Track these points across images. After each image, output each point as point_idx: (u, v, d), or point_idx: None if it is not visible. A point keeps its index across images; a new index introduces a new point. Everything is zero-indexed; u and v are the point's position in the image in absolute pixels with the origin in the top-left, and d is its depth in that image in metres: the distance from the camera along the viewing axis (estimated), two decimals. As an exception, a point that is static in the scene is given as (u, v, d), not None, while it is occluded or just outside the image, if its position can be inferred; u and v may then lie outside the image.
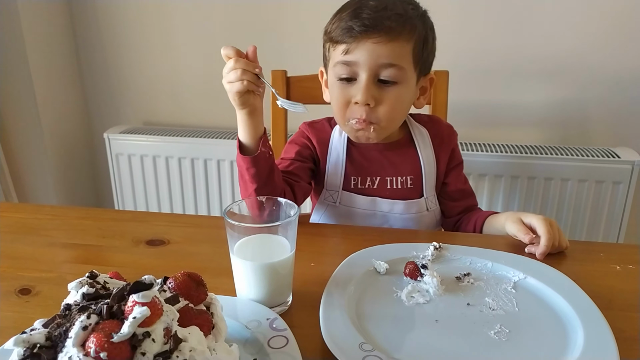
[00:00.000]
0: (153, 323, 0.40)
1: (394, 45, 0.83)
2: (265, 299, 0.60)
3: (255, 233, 0.60)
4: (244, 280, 0.60)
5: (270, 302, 0.60)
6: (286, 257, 0.60)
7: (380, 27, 0.82)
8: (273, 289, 0.60)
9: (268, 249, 0.61)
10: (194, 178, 1.72)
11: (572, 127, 1.59)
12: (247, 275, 0.60)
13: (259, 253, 0.60)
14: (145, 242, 0.80)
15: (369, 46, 0.83)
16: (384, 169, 0.96)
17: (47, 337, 0.40)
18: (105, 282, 0.47)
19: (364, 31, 0.82)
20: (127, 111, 1.87)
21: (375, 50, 0.83)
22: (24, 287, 0.66)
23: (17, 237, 0.82)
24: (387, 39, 0.83)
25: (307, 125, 1.02)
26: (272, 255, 0.60)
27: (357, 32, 0.83)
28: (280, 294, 0.62)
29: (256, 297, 0.60)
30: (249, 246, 0.60)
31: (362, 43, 0.83)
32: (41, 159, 1.75)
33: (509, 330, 0.57)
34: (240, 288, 0.62)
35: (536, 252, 0.76)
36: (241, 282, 0.61)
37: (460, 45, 1.52)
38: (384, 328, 0.57)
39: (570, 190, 1.50)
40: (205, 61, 1.72)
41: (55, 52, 1.73)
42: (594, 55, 1.50)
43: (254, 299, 0.60)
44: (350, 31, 0.83)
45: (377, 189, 0.95)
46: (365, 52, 0.83)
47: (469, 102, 1.60)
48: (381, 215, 0.95)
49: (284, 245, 0.61)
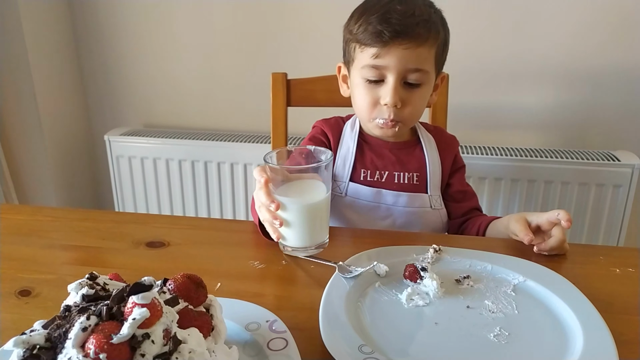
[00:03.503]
0: (152, 324, 0.40)
1: (421, 51, 0.87)
2: (309, 238, 0.67)
3: (294, 179, 0.68)
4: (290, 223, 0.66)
5: (314, 241, 0.68)
6: (324, 197, 0.67)
7: (410, 33, 0.85)
8: (315, 227, 0.67)
9: (307, 192, 0.67)
10: (194, 180, 1.72)
11: (572, 130, 1.59)
12: (292, 217, 0.66)
13: (299, 195, 0.67)
14: (145, 244, 0.80)
15: (399, 52, 0.86)
16: (393, 165, 1.00)
17: (46, 338, 0.40)
18: (105, 284, 0.47)
19: (394, 37, 0.85)
20: (127, 113, 1.88)
21: (405, 56, 0.86)
22: (24, 289, 0.66)
23: (17, 239, 0.82)
24: (416, 44, 0.86)
25: (322, 121, 1.08)
26: (313, 196, 0.66)
27: (388, 38, 0.85)
28: (321, 232, 0.68)
29: (301, 237, 0.67)
30: (290, 190, 0.67)
31: (392, 49, 0.86)
32: (42, 160, 1.75)
33: (508, 333, 0.57)
34: (286, 233, 0.68)
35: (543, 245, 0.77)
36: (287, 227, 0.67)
37: (460, 48, 1.52)
38: (384, 330, 0.57)
39: (570, 193, 1.50)
40: (205, 64, 1.73)
41: (56, 54, 1.73)
42: (594, 58, 1.50)
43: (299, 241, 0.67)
44: (380, 36, 0.86)
45: (384, 182, 0.99)
46: (395, 58, 0.87)
47: (469, 105, 1.61)
48: (385, 207, 0.97)
49: (320, 187, 0.67)
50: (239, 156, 1.65)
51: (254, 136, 1.70)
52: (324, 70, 1.17)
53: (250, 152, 1.64)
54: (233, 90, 1.74)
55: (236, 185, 1.70)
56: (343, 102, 1.04)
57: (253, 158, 1.64)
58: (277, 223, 0.68)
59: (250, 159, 1.64)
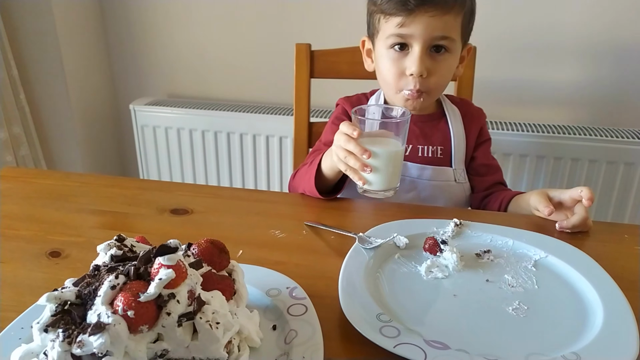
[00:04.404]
0: (178, 285, 0.41)
1: (448, 18, 0.86)
2: (391, 181, 0.78)
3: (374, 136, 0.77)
4: (378, 169, 0.76)
5: (393, 184, 0.79)
6: (402, 148, 0.78)
7: (436, 1, 0.84)
8: (396, 172, 0.79)
9: (386, 143, 0.77)
10: (217, 150, 1.73)
11: (601, 108, 1.55)
12: (379, 163, 0.76)
13: (384, 145, 0.77)
14: (170, 211, 0.82)
15: (425, 20, 0.85)
16: (417, 138, 0.99)
17: (77, 295, 0.41)
18: (132, 246, 0.48)
19: (420, 4, 0.84)
20: (152, 83, 1.89)
21: (431, 24, 0.85)
22: (54, 250, 0.69)
23: (46, 203, 0.84)
24: (442, 12, 0.85)
25: (344, 100, 1.08)
26: (394, 146, 0.77)
27: (413, 6, 0.84)
28: (398, 177, 0.80)
29: (385, 180, 0.78)
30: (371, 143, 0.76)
31: (418, 17, 0.85)
32: (69, 128, 1.78)
33: (527, 307, 0.57)
34: (372, 178, 0.78)
35: (565, 223, 0.76)
36: (374, 173, 0.77)
37: (488, 21, 1.48)
38: (402, 300, 0.58)
39: (597, 171, 1.47)
40: (229, 35, 1.72)
41: (82, 25, 1.75)
42: (626, 34, 1.45)
43: (383, 184, 0.78)
44: (405, 4, 0.85)
45: (408, 155, 0.99)
46: (421, 25, 0.86)
47: (496, 80, 1.57)
48: (409, 180, 0.97)
49: (394, 141, 0.78)
50: (261, 127, 1.66)
51: (276, 108, 1.69)
52: (349, 41, 1.15)
53: (273, 123, 1.64)
54: (256, 61, 1.74)
55: (258, 156, 1.71)
56: (367, 74, 1.03)
57: (275, 130, 1.64)
58: (368, 169, 0.76)
59: (273, 131, 1.65)
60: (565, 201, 0.79)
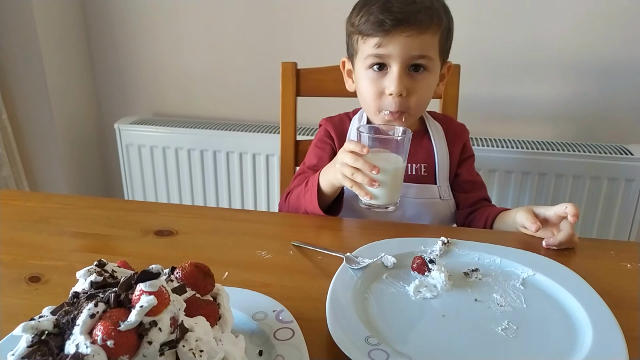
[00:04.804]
0: (160, 312, 0.40)
1: (425, 37, 0.87)
2: (395, 195, 0.82)
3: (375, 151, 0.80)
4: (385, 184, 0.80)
5: (396, 199, 0.83)
6: (404, 164, 0.82)
7: (412, 21, 0.85)
8: (399, 187, 0.83)
9: (389, 160, 0.80)
10: (203, 169, 1.72)
11: (584, 123, 1.57)
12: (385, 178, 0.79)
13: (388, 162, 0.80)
14: (154, 233, 0.80)
15: (402, 40, 0.86)
16: None
17: (55, 324, 0.40)
18: (113, 271, 0.47)
19: (396, 25, 0.85)
20: (137, 102, 1.88)
21: (408, 44, 0.86)
22: (34, 275, 0.67)
23: (27, 226, 0.83)
24: (418, 32, 0.86)
25: (326, 120, 1.08)
26: (397, 163, 0.81)
27: (390, 26, 0.85)
28: (398, 192, 0.83)
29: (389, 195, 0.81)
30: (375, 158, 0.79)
31: (395, 37, 0.86)
32: (52, 148, 1.76)
33: (516, 327, 0.56)
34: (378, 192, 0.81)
35: (552, 240, 0.76)
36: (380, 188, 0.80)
37: (471, 39, 1.51)
38: (391, 322, 0.57)
39: (581, 187, 1.49)
40: (215, 53, 1.72)
41: (67, 43, 1.74)
42: (608, 50, 1.48)
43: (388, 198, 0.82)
44: (382, 25, 0.85)
45: None
46: (398, 45, 0.86)
47: (480, 97, 1.59)
48: None
49: (396, 157, 0.81)
50: (248, 146, 1.65)
51: (263, 126, 1.69)
52: (334, 60, 1.16)
53: (259, 142, 1.63)
54: (242, 80, 1.74)
55: (245, 175, 1.70)
56: (353, 92, 1.03)
57: (262, 148, 1.64)
58: (376, 184, 0.78)
59: (259, 149, 1.64)
60: (550, 218, 0.80)
